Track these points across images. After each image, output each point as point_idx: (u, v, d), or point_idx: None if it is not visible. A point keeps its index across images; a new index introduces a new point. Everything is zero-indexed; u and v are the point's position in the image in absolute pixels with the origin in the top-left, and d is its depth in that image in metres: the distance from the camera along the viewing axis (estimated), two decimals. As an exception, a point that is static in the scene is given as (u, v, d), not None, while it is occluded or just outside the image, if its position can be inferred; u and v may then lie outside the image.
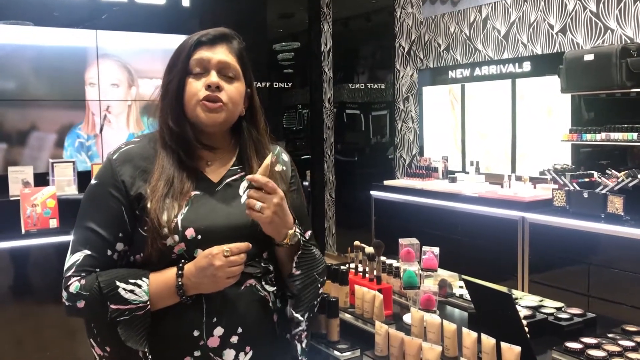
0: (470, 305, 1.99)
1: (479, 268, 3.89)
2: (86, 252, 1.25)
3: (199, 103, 1.28)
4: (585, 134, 3.81)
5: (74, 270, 1.24)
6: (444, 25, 5.23)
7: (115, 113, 4.76)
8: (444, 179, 4.80)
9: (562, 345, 1.65)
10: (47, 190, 3.59)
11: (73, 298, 1.22)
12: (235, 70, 1.33)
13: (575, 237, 3.44)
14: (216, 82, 1.29)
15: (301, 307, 1.33)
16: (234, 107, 1.32)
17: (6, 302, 3.49)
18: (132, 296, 1.20)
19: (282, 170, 1.43)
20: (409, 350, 1.52)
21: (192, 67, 1.30)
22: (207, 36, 1.32)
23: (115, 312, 1.19)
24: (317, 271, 1.35)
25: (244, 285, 1.28)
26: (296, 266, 1.31)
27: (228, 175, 1.36)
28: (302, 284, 1.32)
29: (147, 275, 1.23)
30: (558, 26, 4.28)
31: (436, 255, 1.98)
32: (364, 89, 6.25)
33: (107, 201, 1.27)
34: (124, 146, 1.34)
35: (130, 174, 1.28)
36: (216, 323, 1.24)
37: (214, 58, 1.31)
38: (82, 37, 5.04)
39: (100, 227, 1.25)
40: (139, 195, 1.26)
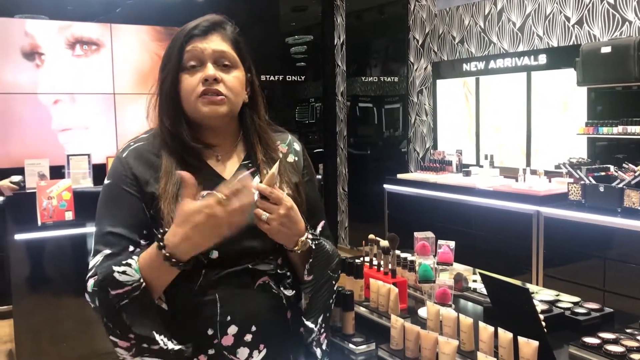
0: (486, 299, 1.98)
1: (493, 262, 3.87)
2: (106, 252, 1.18)
3: (198, 98, 1.22)
4: (601, 128, 3.77)
5: (92, 272, 1.18)
6: (458, 17, 5.19)
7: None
8: (458, 173, 4.78)
9: (579, 340, 1.64)
10: (63, 182, 3.62)
11: (91, 297, 1.17)
12: (231, 58, 1.26)
13: (591, 232, 3.42)
14: (213, 75, 1.22)
15: (313, 314, 1.30)
16: (235, 97, 1.26)
17: (23, 294, 3.53)
18: (125, 277, 1.12)
19: (295, 161, 1.38)
20: (424, 344, 1.52)
21: (186, 61, 1.24)
22: (199, 27, 1.26)
23: (115, 298, 1.12)
24: (330, 268, 1.32)
25: (257, 283, 1.25)
26: (308, 273, 1.28)
27: (240, 170, 1.29)
28: (314, 289, 1.28)
29: (138, 254, 1.16)
30: (575, 18, 4.23)
31: (452, 249, 1.97)
32: (377, 82, 6.23)
33: (126, 199, 1.22)
34: (133, 143, 1.29)
35: (142, 171, 1.23)
36: (230, 321, 1.21)
37: (207, 48, 1.24)
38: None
39: (121, 227, 1.20)
40: (152, 194, 1.21)
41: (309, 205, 1.34)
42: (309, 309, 1.29)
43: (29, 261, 3.56)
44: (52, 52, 4.90)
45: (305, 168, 1.40)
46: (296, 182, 1.33)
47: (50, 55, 4.89)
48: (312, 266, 1.27)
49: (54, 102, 4.91)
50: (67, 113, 4.95)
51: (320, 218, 1.39)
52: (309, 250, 1.26)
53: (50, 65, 4.89)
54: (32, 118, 4.80)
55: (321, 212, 1.41)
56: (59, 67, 4.91)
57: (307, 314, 1.29)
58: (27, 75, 4.81)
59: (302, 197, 1.32)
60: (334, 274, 1.33)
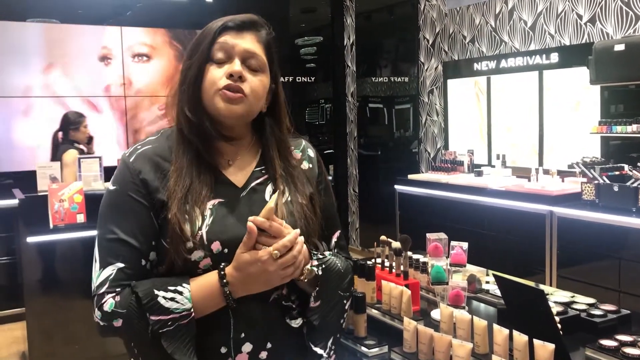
0: (500, 301, 1.95)
1: (506, 263, 3.83)
2: (119, 266, 1.12)
3: (218, 92, 1.16)
4: (615, 126, 3.72)
5: (107, 287, 1.11)
6: (469, 16, 5.15)
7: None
8: (470, 173, 4.74)
9: (596, 342, 1.61)
10: (75, 185, 3.63)
11: (109, 317, 1.10)
12: (261, 61, 1.21)
13: (605, 232, 3.37)
14: (239, 72, 1.16)
15: (321, 340, 1.23)
16: (255, 100, 1.20)
17: (35, 296, 3.54)
18: (173, 304, 1.08)
19: (309, 168, 1.32)
20: (438, 347, 1.50)
21: (215, 53, 1.18)
22: (235, 21, 1.20)
23: (157, 324, 1.07)
24: (341, 288, 1.25)
25: (271, 297, 1.19)
26: (314, 300, 1.21)
27: (252, 178, 1.24)
28: (322, 315, 1.22)
29: (187, 281, 1.11)
30: (587, 16, 4.18)
31: (465, 251, 1.95)
32: (387, 82, 6.20)
33: (133, 207, 1.15)
34: (140, 147, 1.21)
35: (152, 177, 1.16)
36: (244, 339, 1.15)
37: (239, 45, 1.18)
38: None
39: (129, 236, 1.13)
40: (162, 202, 1.15)
41: (324, 215, 1.28)
42: (316, 335, 1.22)
43: (41, 264, 3.57)
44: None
45: (320, 176, 1.33)
46: (310, 193, 1.27)
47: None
48: (318, 293, 1.21)
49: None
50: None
51: (336, 228, 1.33)
52: (315, 277, 1.20)
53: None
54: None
55: (337, 221, 1.35)
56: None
57: (315, 339, 1.22)
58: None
59: (316, 208, 1.26)
60: (345, 293, 1.26)
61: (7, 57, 4.85)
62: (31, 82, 4.94)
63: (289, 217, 1.20)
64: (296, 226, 1.18)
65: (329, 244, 1.31)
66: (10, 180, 4.72)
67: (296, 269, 1.13)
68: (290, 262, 1.11)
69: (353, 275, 1.32)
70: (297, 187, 1.25)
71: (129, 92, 5.29)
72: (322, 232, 1.29)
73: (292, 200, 1.23)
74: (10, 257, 4.53)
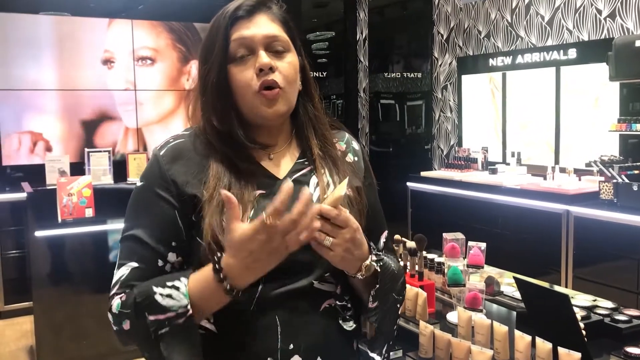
0: (519, 304, 1.88)
1: (520, 263, 3.75)
2: (133, 265, 1.04)
3: (257, 95, 1.05)
4: (635, 124, 3.63)
5: (118, 287, 1.04)
6: (484, 11, 5.06)
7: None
8: (484, 171, 4.66)
9: (621, 350, 1.54)
10: (83, 179, 3.60)
11: (117, 319, 1.01)
12: (284, 41, 1.10)
13: (624, 232, 3.29)
14: (268, 64, 1.05)
15: (378, 345, 1.14)
16: (291, 87, 1.09)
17: (43, 290, 3.52)
18: (170, 302, 0.97)
19: (354, 162, 1.20)
20: (456, 353, 1.43)
21: (234, 51, 1.07)
22: (243, 8, 1.08)
23: (154, 324, 0.97)
24: (395, 290, 1.14)
25: (322, 306, 1.08)
26: (372, 300, 1.09)
27: (295, 169, 1.13)
28: (379, 317, 1.12)
29: (186, 275, 1.00)
30: (607, 11, 4.08)
31: (483, 251, 1.88)
32: (400, 78, 6.12)
33: (157, 205, 1.06)
34: (172, 140, 1.12)
35: (182, 173, 1.07)
36: (293, 351, 1.04)
37: (258, 33, 1.07)
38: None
39: (148, 236, 1.05)
40: (194, 197, 1.05)
41: (371, 212, 1.17)
42: (374, 340, 1.14)
43: (50, 258, 3.54)
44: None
45: (366, 170, 1.22)
46: (357, 186, 1.15)
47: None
48: (377, 292, 1.09)
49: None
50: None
51: (383, 227, 1.23)
52: (373, 274, 1.08)
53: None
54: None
55: (383, 221, 1.24)
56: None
57: (372, 345, 1.14)
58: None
59: (364, 202, 1.15)
60: (399, 296, 1.16)
61: (19, 49, 4.83)
62: (42, 75, 4.91)
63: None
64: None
65: (377, 244, 1.20)
66: (20, 173, 4.70)
67: (299, 233, 0.94)
68: (291, 226, 0.92)
69: (405, 278, 1.21)
70: (341, 179, 1.12)
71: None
72: (370, 231, 1.16)
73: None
74: (18, 250, 4.50)
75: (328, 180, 1.12)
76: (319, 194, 1.10)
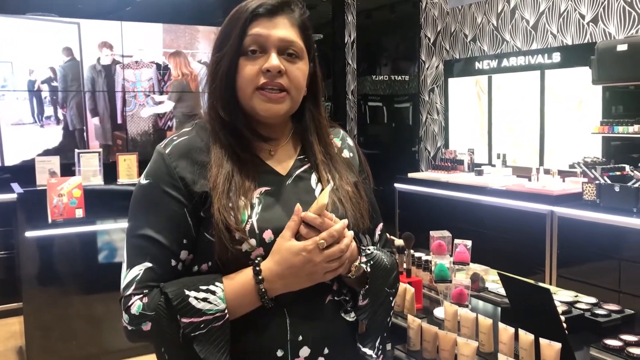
0: (503, 300, 1.95)
1: (506, 262, 3.80)
2: (147, 265, 1.04)
3: (257, 92, 1.08)
4: (617, 127, 3.71)
5: (134, 288, 1.03)
6: (470, 15, 5.14)
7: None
8: (470, 172, 4.74)
9: (600, 342, 1.60)
10: (74, 180, 3.61)
11: (137, 320, 1.02)
12: (298, 48, 1.11)
13: (606, 232, 3.37)
14: (277, 67, 1.07)
15: (370, 340, 1.17)
16: (297, 93, 1.12)
17: (33, 291, 3.52)
18: (206, 305, 1.00)
19: (350, 157, 1.24)
20: (443, 345, 1.49)
21: (247, 45, 1.09)
22: (265, 6, 1.09)
23: (188, 326, 1.00)
24: (388, 284, 1.18)
25: (327, 299, 1.13)
26: (362, 298, 1.14)
27: (296, 166, 1.17)
28: (370, 313, 1.15)
29: (219, 280, 1.04)
30: (589, 16, 4.17)
31: (468, 249, 1.94)
32: (388, 80, 6.19)
33: (166, 203, 1.07)
34: (177, 138, 1.13)
35: (189, 170, 1.08)
36: (302, 342, 1.07)
37: (273, 35, 1.09)
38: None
39: (159, 235, 1.05)
40: (205, 194, 1.06)
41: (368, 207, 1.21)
42: (365, 335, 1.16)
43: (40, 258, 3.55)
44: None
45: (361, 165, 1.27)
46: (355, 181, 1.20)
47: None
48: (367, 291, 1.14)
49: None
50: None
51: (379, 220, 1.26)
52: (364, 274, 1.13)
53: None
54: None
55: (378, 214, 1.27)
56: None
57: (363, 339, 1.16)
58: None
59: (362, 194, 1.19)
60: (391, 289, 1.19)
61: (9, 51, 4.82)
62: (33, 76, 4.91)
63: (338, 205, 1.13)
64: (345, 214, 1.12)
65: (372, 237, 1.24)
66: (8, 174, 4.70)
67: (341, 264, 1.06)
68: (337, 255, 1.03)
69: (398, 271, 1.26)
70: (341, 175, 1.18)
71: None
72: (369, 224, 1.21)
73: (338, 187, 1.16)
74: (8, 251, 4.50)
75: (328, 177, 1.17)
76: (321, 189, 1.14)
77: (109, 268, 3.69)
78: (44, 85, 4.94)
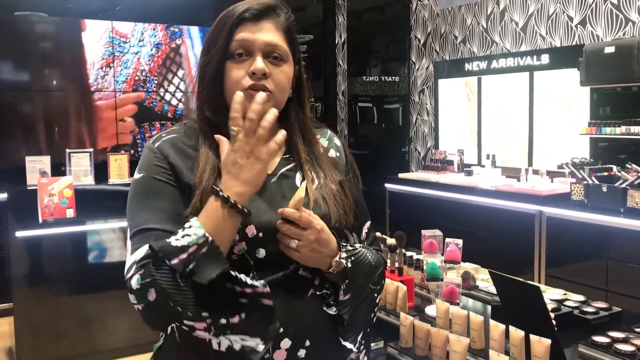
0: (494, 298, 1.97)
1: (495, 262, 3.81)
2: (146, 247, 1.05)
3: (244, 93, 1.10)
4: (604, 128, 3.76)
5: (134, 269, 1.04)
6: (460, 17, 5.18)
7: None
8: (460, 172, 4.77)
9: (589, 339, 1.63)
10: (64, 180, 3.60)
11: (140, 294, 1.02)
12: (283, 51, 1.16)
13: (594, 232, 3.41)
14: (262, 69, 1.12)
15: (351, 334, 1.18)
16: (281, 94, 1.16)
17: (23, 291, 3.51)
18: (186, 239, 1.01)
19: (337, 156, 1.28)
20: (435, 341, 1.51)
21: (234, 49, 1.13)
22: (251, 11, 1.14)
23: (179, 266, 1.00)
24: (372, 281, 1.20)
25: (309, 292, 1.15)
26: (344, 293, 1.16)
27: (281, 164, 1.20)
28: (352, 308, 1.17)
29: (192, 218, 1.06)
30: (578, 18, 4.22)
31: (459, 248, 1.97)
32: (378, 81, 6.22)
33: (161, 190, 1.11)
34: (165, 135, 1.18)
35: (178, 161, 1.13)
36: (283, 334, 1.09)
37: (259, 39, 1.13)
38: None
39: (159, 222, 1.08)
40: (188, 184, 1.11)
41: (354, 205, 1.24)
42: (346, 329, 1.17)
43: (30, 258, 3.53)
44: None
45: (348, 164, 1.30)
46: (340, 179, 1.23)
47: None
48: (347, 286, 1.16)
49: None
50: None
51: (366, 219, 1.29)
52: (344, 270, 1.15)
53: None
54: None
55: (366, 212, 1.30)
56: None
57: (345, 334, 1.17)
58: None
59: (347, 194, 1.22)
60: (376, 286, 1.21)
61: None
62: (22, 76, 4.89)
63: (321, 202, 1.16)
64: (329, 212, 1.15)
65: (359, 235, 1.27)
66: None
67: (266, 141, 1.05)
68: (262, 135, 1.04)
69: (385, 268, 1.27)
70: (326, 173, 1.22)
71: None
72: (353, 223, 1.24)
73: (322, 185, 1.19)
74: (-2, 251, 4.48)
75: (312, 176, 1.20)
76: (304, 187, 1.15)
77: (100, 268, 3.68)
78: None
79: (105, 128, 5.13)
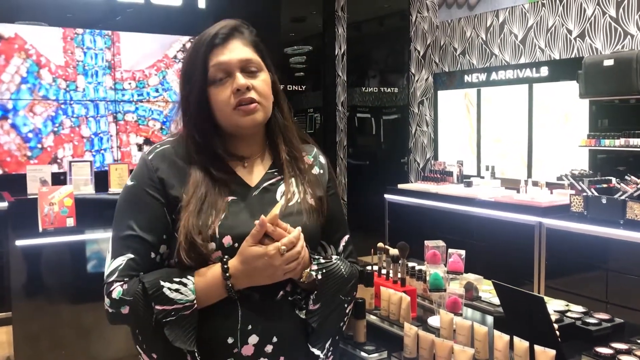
0: (497, 309, 1.98)
1: (495, 273, 3.80)
2: (129, 256, 1.18)
3: (234, 111, 1.21)
4: (603, 140, 3.79)
5: (116, 276, 1.17)
6: (460, 29, 5.22)
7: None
8: (459, 184, 4.79)
9: (592, 350, 1.64)
10: (65, 189, 3.60)
11: (116, 304, 1.15)
12: (256, 62, 1.25)
13: (593, 243, 3.42)
14: (244, 84, 1.21)
15: (319, 341, 1.26)
16: (267, 101, 1.26)
17: (22, 300, 3.50)
18: (177, 295, 1.13)
19: (319, 174, 1.36)
20: (439, 352, 1.51)
21: (213, 75, 1.22)
22: (219, 36, 1.23)
23: (161, 313, 1.12)
24: (343, 292, 1.27)
25: (279, 293, 1.23)
26: (313, 302, 1.24)
27: (265, 178, 1.29)
28: (321, 317, 1.24)
29: (191, 274, 1.16)
30: (576, 31, 4.26)
31: (462, 259, 1.97)
32: (377, 92, 6.25)
33: (147, 202, 1.20)
34: (159, 146, 1.27)
35: (168, 174, 1.22)
36: (251, 331, 1.19)
37: (233, 59, 1.22)
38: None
39: (142, 230, 1.19)
40: (176, 198, 1.20)
41: (333, 219, 1.34)
42: (315, 337, 1.25)
43: (30, 267, 3.52)
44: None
45: (330, 182, 1.38)
46: (320, 196, 1.32)
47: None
48: (317, 296, 1.24)
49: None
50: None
51: (344, 232, 1.37)
52: (314, 281, 1.23)
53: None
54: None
55: (345, 226, 1.39)
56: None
57: (313, 340, 1.25)
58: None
59: (324, 210, 1.31)
60: (347, 297, 1.29)
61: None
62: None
63: (296, 216, 1.24)
64: (306, 225, 1.24)
65: (337, 248, 1.35)
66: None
67: (298, 264, 1.18)
68: (295, 258, 1.17)
69: (357, 280, 1.34)
70: (306, 189, 1.30)
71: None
72: (331, 236, 1.33)
73: (300, 200, 1.28)
74: (-3, 260, 4.46)
75: (294, 190, 1.29)
76: (284, 202, 1.25)
77: (99, 277, 3.60)
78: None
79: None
